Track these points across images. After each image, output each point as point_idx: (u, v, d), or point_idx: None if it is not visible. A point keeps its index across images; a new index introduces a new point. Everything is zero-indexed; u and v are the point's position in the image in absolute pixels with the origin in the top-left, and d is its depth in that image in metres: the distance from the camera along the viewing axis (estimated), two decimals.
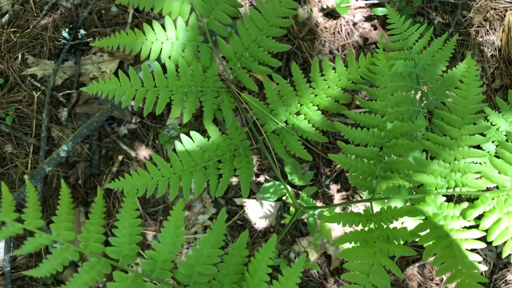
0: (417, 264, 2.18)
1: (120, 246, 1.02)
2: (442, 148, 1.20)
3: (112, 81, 1.25)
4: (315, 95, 1.38)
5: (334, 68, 1.38)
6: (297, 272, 0.99)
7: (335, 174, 2.28)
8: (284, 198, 2.24)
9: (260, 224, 2.27)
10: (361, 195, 2.20)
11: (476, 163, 1.22)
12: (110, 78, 1.25)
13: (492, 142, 1.49)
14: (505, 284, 2.18)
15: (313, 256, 2.24)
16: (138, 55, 1.31)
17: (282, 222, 2.24)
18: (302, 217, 2.25)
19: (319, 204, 2.24)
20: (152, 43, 1.30)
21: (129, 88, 1.26)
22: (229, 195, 2.28)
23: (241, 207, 2.27)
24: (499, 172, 1.16)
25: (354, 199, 2.24)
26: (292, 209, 2.19)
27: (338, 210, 2.21)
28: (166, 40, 1.31)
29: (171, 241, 1.03)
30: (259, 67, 1.37)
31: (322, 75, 1.38)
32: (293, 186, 2.23)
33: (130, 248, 1.03)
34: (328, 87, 1.37)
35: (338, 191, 2.28)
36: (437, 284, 2.18)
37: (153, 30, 1.30)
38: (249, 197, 2.27)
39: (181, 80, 1.30)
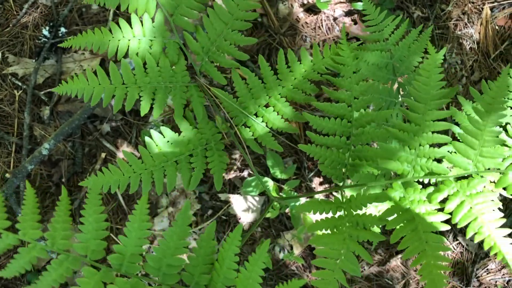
0: (400, 256, 2.21)
1: (86, 242, 1.03)
2: (407, 134, 1.22)
3: (81, 80, 1.27)
4: (283, 87, 1.40)
5: (299, 60, 1.39)
6: (261, 258, 1.00)
7: (317, 167, 2.30)
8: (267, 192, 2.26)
9: (245, 219, 2.28)
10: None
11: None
12: (78, 77, 1.26)
13: None
14: (487, 273, 2.20)
15: (298, 250, 2.26)
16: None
17: (266, 216, 2.26)
18: (286, 211, 2.27)
19: (303, 199, 2.26)
20: (119, 40, 1.31)
21: (97, 86, 1.27)
22: (213, 191, 2.29)
23: (226, 202, 2.29)
24: (462, 156, 1.18)
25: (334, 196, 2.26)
26: (276, 203, 2.21)
27: None
28: (133, 37, 1.32)
29: (137, 235, 1.04)
30: (227, 60, 1.38)
31: (288, 67, 1.39)
32: (276, 180, 2.24)
33: (97, 243, 1.04)
34: (295, 78, 1.39)
35: (321, 184, 2.30)
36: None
37: (120, 27, 1.31)
38: (233, 192, 2.28)
39: (149, 76, 1.31)
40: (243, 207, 2.28)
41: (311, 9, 2.41)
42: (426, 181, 1.32)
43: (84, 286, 1.00)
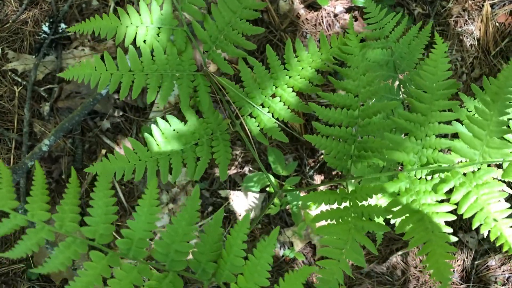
0: (400, 252, 2.21)
1: (95, 226, 1.02)
2: (414, 125, 1.22)
3: (87, 66, 1.26)
4: (290, 77, 1.40)
5: (307, 50, 1.40)
6: (271, 245, 1.00)
7: (318, 164, 2.30)
8: (268, 189, 2.26)
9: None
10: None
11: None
12: (85, 63, 1.26)
13: None
14: (487, 270, 2.21)
15: (298, 246, 2.26)
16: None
17: (267, 212, 2.26)
18: (287, 207, 2.27)
19: (303, 194, 2.26)
20: (126, 27, 1.31)
21: (104, 72, 1.27)
22: (213, 187, 2.29)
23: (226, 199, 2.28)
24: (468, 147, 1.19)
25: (338, 188, 2.26)
26: (276, 200, 2.21)
27: None
28: (141, 25, 1.32)
29: (146, 219, 1.04)
30: (234, 50, 1.38)
31: (296, 56, 1.40)
32: (277, 177, 2.24)
33: (105, 227, 1.03)
34: (302, 68, 1.39)
35: (322, 181, 2.30)
36: (420, 271, 2.21)
37: (128, 14, 1.31)
38: (234, 189, 2.28)
39: (156, 64, 1.31)
40: (244, 204, 2.27)
41: (312, 6, 2.42)
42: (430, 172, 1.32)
43: (91, 270, 0.99)
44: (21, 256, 0.96)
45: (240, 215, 2.27)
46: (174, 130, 1.35)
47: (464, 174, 1.20)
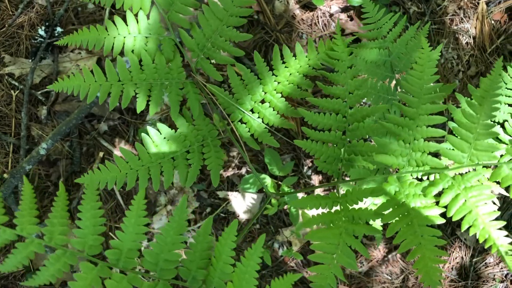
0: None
1: (84, 237, 1.04)
2: (402, 128, 1.22)
3: (77, 78, 1.27)
4: (278, 83, 1.40)
5: (295, 55, 1.40)
6: (257, 252, 1.01)
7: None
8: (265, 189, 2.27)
9: (243, 216, 2.29)
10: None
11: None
12: (74, 75, 1.27)
13: None
14: (485, 267, 2.22)
15: (296, 246, 2.27)
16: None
17: (265, 213, 2.27)
18: (285, 208, 2.28)
19: (300, 195, 2.26)
20: (114, 38, 1.31)
21: (93, 83, 1.28)
22: (211, 188, 2.30)
23: (224, 200, 2.29)
24: (456, 150, 1.19)
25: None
26: (274, 200, 2.21)
27: None
28: (128, 35, 1.33)
29: (134, 230, 1.05)
30: (222, 57, 1.39)
31: (284, 62, 1.40)
32: (274, 177, 2.25)
33: (94, 238, 1.05)
34: (290, 74, 1.40)
35: (320, 182, 2.30)
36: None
37: (115, 25, 1.32)
38: (232, 190, 2.29)
39: (145, 73, 1.32)
40: (242, 205, 2.28)
41: (307, 6, 2.42)
42: (420, 175, 1.33)
43: (81, 281, 1.01)
44: (12, 270, 0.97)
45: (238, 216, 2.28)
46: (164, 138, 1.36)
47: (453, 177, 1.21)
